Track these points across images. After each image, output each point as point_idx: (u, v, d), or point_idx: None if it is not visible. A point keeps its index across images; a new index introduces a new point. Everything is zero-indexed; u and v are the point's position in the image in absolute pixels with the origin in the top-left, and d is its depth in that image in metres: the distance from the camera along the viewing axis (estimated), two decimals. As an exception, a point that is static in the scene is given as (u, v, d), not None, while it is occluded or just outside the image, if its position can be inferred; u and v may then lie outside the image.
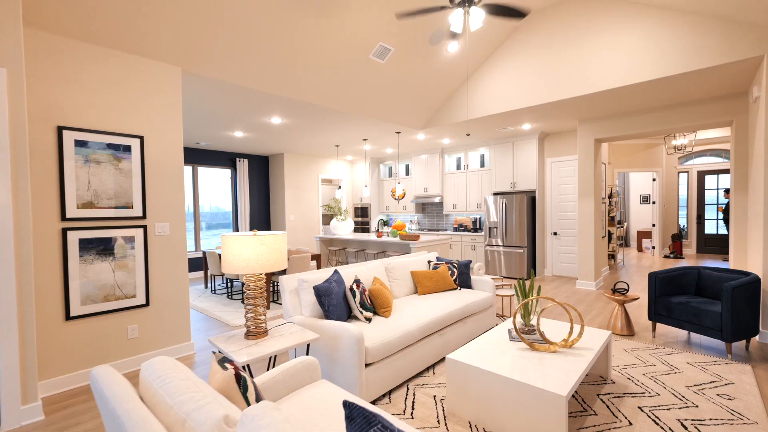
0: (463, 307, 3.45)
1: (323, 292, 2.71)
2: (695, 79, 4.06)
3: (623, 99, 4.74)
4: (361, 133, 6.74)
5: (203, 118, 5.36)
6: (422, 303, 3.37)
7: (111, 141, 3.22)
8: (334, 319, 2.70)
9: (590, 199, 5.88)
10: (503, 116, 5.57)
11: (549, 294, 5.61)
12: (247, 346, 2.22)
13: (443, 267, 3.94)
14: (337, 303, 2.76)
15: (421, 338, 2.95)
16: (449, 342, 3.28)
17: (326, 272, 3.12)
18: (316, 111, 5.13)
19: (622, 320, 3.85)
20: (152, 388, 1.20)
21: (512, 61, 5.13)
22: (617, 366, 3.05)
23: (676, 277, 3.69)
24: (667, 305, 3.50)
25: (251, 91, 4.23)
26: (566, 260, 6.89)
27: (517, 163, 7.09)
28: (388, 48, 4.47)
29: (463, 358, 2.37)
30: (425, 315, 3.08)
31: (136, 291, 3.33)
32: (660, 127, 5.17)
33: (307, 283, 2.94)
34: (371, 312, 2.93)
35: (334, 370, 2.56)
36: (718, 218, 9.18)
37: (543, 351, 2.45)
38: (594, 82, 4.45)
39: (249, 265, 2.19)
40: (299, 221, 8.99)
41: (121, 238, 3.26)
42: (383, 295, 3.01)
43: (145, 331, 3.37)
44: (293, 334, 2.42)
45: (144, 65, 3.39)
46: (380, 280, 3.37)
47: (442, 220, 8.83)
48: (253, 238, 2.20)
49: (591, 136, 5.85)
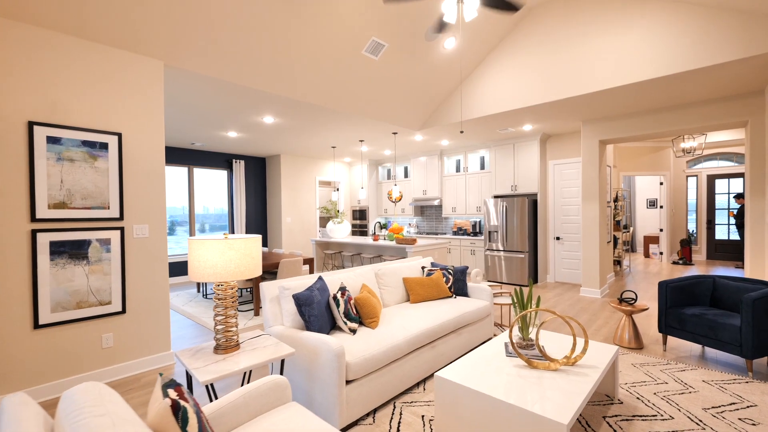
0: (457, 317, 3.23)
1: (303, 301, 2.51)
2: (706, 77, 3.83)
3: (629, 98, 4.51)
4: (357, 134, 6.55)
5: (194, 117, 5.20)
6: (413, 312, 3.15)
7: (86, 138, 3.04)
8: (315, 331, 2.49)
9: (594, 202, 5.63)
10: (502, 116, 5.36)
11: (551, 302, 5.37)
12: (215, 362, 2.01)
13: (437, 273, 3.72)
14: (319, 313, 2.55)
15: (410, 351, 2.73)
16: (442, 355, 3.06)
17: (309, 279, 2.92)
18: (309, 110, 4.94)
19: (629, 332, 3.61)
20: (63, 427, 0.99)
21: (511, 60, 4.93)
22: (625, 383, 2.81)
23: (688, 287, 3.44)
24: (680, 317, 3.26)
25: (240, 87, 4.05)
26: (569, 266, 6.64)
27: (518, 165, 6.86)
28: (382, 44, 4.28)
29: (453, 376, 2.15)
30: (415, 326, 2.86)
31: (111, 297, 3.14)
32: (668, 128, 4.93)
33: (289, 290, 2.74)
34: (356, 323, 2.72)
35: (313, 387, 2.35)
36: (729, 223, 8.87)
37: (542, 369, 2.23)
38: (597, 81, 4.23)
39: (216, 272, 1.99)
40: (296, 224, 8.81)
41: (96, 240, 3.08)
42: (370, 304, 2.80)
43: (121, 339, 3.17)
44: (267, 348, 2.21)
45: (123, 58, 3.22)
46: (369, 287, 3.16)
47: (441, 224, 8.61)
48: (219, 243, 2.00)
49: (595, 137, 5.61)
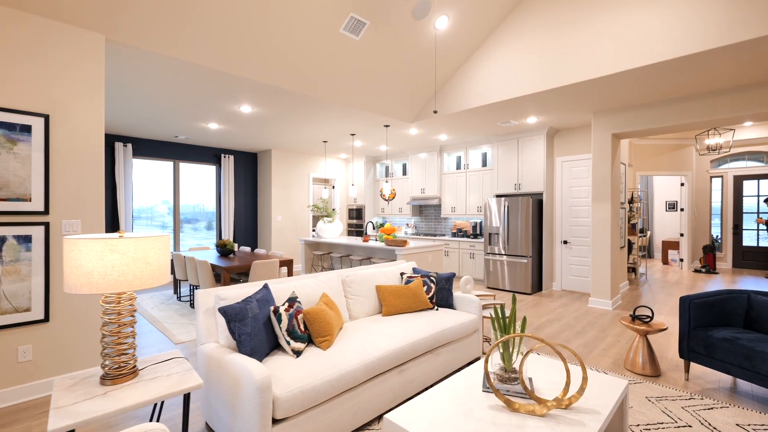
0: (434, 334, 2.71)
1: (234, 316, 2.03)
2: (741, 55, 3.23)
3: (646, 84, 3.92)
4: (346, 127, 6.07)
5: (165, 105, 4.79)
6: (382, 328, 2.65)
7: (3, 119, 2.63)
8: (247, 353, 2.01)
9: (606, 203, 5.04)
10: (503, 106, 4.81)
11: (555, 313, 4.79)
12: (91, 397, 1.55)
13: (417, 281, 3.21)
14: (254, 330, 2.07)
15: (368, 378, 2.23)
16: (412, 381, 2.54)
17: (252, 287, 2.44)
18: (288, 99, 4.48)
19: (643, 355, 3.04)
20: None
21: (513, 43, 4.38)
22: (637, 425, 2.26)
23: (717, 304, 2.85)
24: (706, 341, 2.68)
25: (205, 71, 3.61)
26: (578, 273, 6.03)
27: (523, 162, 6.29)
28: (362, 21, 3.79)
29: (406, 420, 1.64)
30: (379, 345, 2.35)
31: (31, 303, 2.72)
32: (693, 119, 4.32)
33: (225, 300, 2.27)
34: (303, 342, 2.23)
35: (235, 425, 1.87)
36: (758, 229, 8.11)
37: (525, 413, 1.70)
38: (609, 63, 3.66)
39: (92, 282, 1.52)
40: (287, 222, 8.37)
41: (12, 237, 2.66)
42: (323, 320, 2.31)
43: (42, 352, 2.75)
44: (172, 377, 1.74)
45: (54, 30, 2.80)
46: (329, 297, 2.67)
47: (441, 224, 8.07)
48: (97, 243, 1.53)
49: (608, 130, 5.02)
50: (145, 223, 6.99)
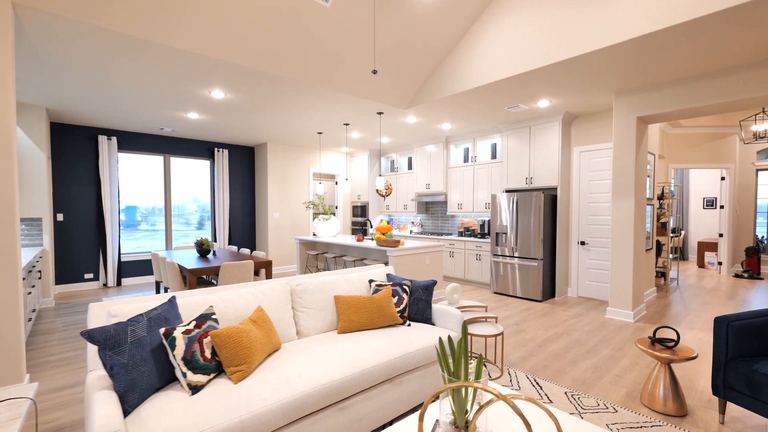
0: (395, 359, 2.18)
1: (104, 342, 1.57)
2: (803, 4, 2.51)
3: (676, 53, 3.21)
4: (337, 116, 5.58)
5: (132, 90, 4.45)
6: (329, 350, 2.14)
7: None
8: (121, 390, 1.55)
9: (628, 198, 4.32)
10: (507, 86, 4.18)
11: (566, 325, 4.13)
12: None
13: (385, 291, 2.68)
14: (136, 360, 1.61)
15: (288, 423, 1.74)
16: (360, 420, 2.03)
17: (156, 300, 1.99)
18: (257, 80, 4.03)
19: (665, 388, 2.40)
20: None
21: (515, 13, 3.75)
22: (649, 498, 1.66)
23: (764, 327, 2.19)
24: (749, 376, 2.03)
25: (155, 46, 3.19)
26: (597, 278, 5.32)
27: (536, 152, 5.60)
28: (332, -15, 3.28)
29: None
30: (314, 376, 1.86)
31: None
32: (735, 96, 3.56)
33: (117, 318, 1.83)
34: (207, 373, 1.76)
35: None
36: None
37: (471, 502, 1.16)
38: (632, 24, 2.99)
39: None
40: (285, 220, 7.99)
41: None
42: (237, 343, 1.83)
43: (-53, 367, 2.41)
44: (-9, 427, 1.30)
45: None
46: (265, 312, 2.19)
47: (447, 223, 7.46)
48: None
49: (632, 113, 4.30)
50: (145, 225, 6.76)
